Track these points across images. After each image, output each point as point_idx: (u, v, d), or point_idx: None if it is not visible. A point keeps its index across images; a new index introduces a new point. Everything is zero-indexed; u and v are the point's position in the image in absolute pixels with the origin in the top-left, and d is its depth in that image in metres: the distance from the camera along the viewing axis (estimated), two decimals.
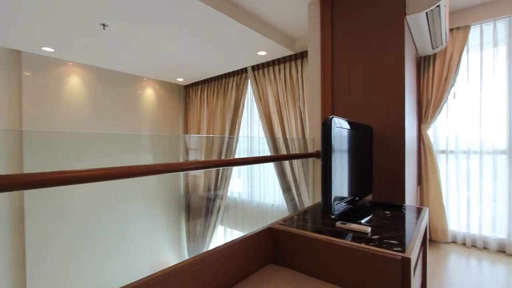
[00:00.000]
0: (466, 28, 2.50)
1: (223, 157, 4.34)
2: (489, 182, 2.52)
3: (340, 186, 1.28)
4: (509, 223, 2.41)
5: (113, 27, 2.64)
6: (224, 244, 1.05)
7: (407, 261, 0.92)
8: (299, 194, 3.40)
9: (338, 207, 1.25)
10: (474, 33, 2.54)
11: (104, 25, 2.60)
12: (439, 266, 2.21)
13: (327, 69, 1.98)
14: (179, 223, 4.47)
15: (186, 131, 5.21)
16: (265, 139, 3.88)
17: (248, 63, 3.82)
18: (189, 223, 4.58)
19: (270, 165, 3.83)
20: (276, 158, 2.51)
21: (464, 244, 2.64)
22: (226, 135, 4.39)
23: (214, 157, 4.47)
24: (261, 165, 4.08)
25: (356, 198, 1.50)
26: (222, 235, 4.44)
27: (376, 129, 1.82)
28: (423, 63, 2.71)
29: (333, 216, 1.38)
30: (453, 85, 2.56)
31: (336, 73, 1.99)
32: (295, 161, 3.42)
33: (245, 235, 1.14)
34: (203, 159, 4.56)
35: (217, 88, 4.52)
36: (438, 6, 1.69)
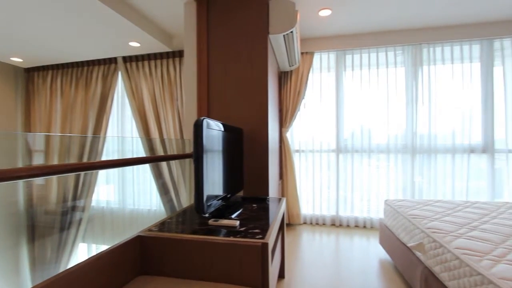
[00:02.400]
0: (311, 54, 3.19)
1: (85, 160, 3.64)
2: (325, 173, 3.32)
3: (213, 185, 1.35)
4: (337, 203, 3.26)
5: None
6: (79, 263, 0.90)
7: (265, 246, 1.08)
8: (177, 196, 3.32)
9: (212, 205, 1.31)
10: (316, 59, 3.28)
11: None
12: (295, 244, 2.71)
13: (203, 72, 2.04)
14: (16, 248, 3.41)
15: (28, 127, 4.02)
16: (139, 139, 3.55)
17: (118, 52, 3.38)
18: (34, 246, 3.57)
19: (146, 168, 3.54)
20: (151, 159, 2.35)
21: (311, 223, 3.36)
22: (90, 134, 3.71)
23: (72, 161, 3.68)
24: (136, 168, 3.71)
25: (229, 195, 1.62)
26: (85, 253, 3.71)
27: (246, 132, 2.03)
28: (284, 77, 3.25)
29: (206, 215, 1.44)
30: (303, 97, 3.21)
31: (212, 77, 2.08)
32: (173, 162, 3.32)
33: (105, 250, 1.01)
34: (56, 163, 3.65)
35: (77, 77, 3.74)
36: (292, 32, 2.08)
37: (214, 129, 1.37)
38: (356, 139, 3.21)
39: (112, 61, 3.56)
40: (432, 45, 3.00)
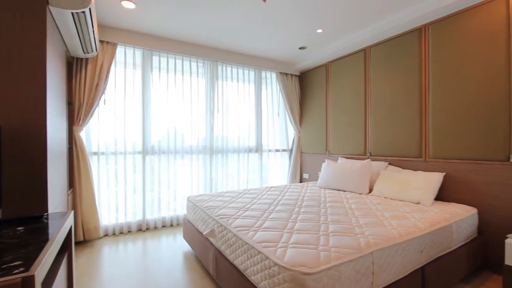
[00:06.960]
0: (114, 45, 2.86)
1: None
2: (131, 176, 3.10)
3: None
4: (143, 207, 3.14)
5: None
6: None
7: (30, 280, 0.83)
8: None
9: None
10: (121, 52, 2.99)
11: None
12: (92, 263, 2.30)
13: None
14: None
15: None
16: None
17: None
18: None
19: None
20: None
21: (114, 234, 3.00)
22: None
23: None
24: None
25: None
26: None
27: (7, 129, 1.48)
28: (76, 64, 2.68)
29: None
30: (103, 92, 2.81)
31: None
32: None
33: None
34: None
35: None
36: (84, 12, 1.76)
37: None
38: (163, 141, 3.26)
39: None
40: (225, 64, 3.65)
